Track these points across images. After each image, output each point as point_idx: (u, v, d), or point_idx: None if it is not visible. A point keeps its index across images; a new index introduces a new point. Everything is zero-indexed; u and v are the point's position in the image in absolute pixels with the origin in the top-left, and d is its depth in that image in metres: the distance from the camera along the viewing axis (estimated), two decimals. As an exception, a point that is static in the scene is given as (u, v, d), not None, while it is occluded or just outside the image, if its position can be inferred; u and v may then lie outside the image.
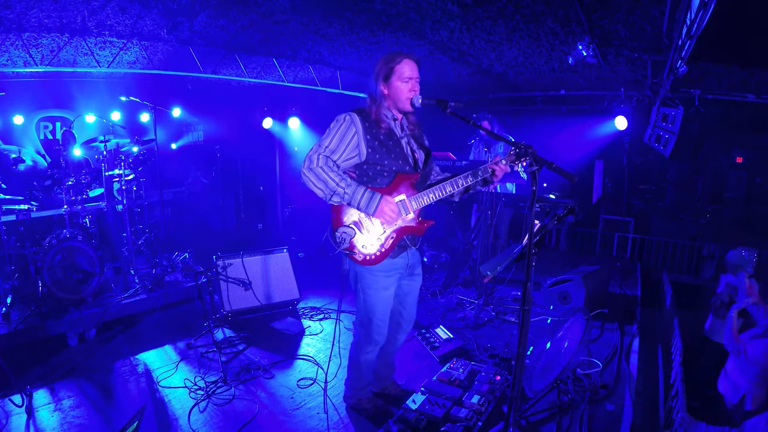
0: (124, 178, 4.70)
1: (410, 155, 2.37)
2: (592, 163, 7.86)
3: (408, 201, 2.26)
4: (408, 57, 2.27)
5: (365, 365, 2.65)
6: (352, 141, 2.22)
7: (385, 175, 2.28)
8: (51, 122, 6.40)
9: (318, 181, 2.15)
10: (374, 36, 4.44)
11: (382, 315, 2.47)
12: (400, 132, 2.36)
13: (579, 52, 3.89)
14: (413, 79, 2.27)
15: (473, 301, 4.54)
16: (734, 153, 7.96)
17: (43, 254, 3.83)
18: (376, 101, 2.29)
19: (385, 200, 2.17)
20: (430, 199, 2.29)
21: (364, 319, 2.50)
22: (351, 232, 2.26)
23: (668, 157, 4.74)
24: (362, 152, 2.24)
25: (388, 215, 2.18)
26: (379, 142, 2.26)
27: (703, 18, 2.12)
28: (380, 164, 2.26)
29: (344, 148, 2.22)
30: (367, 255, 2.29)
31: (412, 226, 2.34)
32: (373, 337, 2.52)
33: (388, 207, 2.17)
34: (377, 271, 2.35)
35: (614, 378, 3.15)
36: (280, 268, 4.44)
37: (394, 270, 2.40)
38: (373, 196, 2.17)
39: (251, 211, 7.80)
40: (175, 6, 3.70)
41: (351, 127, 2.22)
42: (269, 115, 7.19)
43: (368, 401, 2.76)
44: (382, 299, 2.42)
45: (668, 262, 6.70)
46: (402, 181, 2.28)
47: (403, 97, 2.27)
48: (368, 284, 2.39)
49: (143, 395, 3.02)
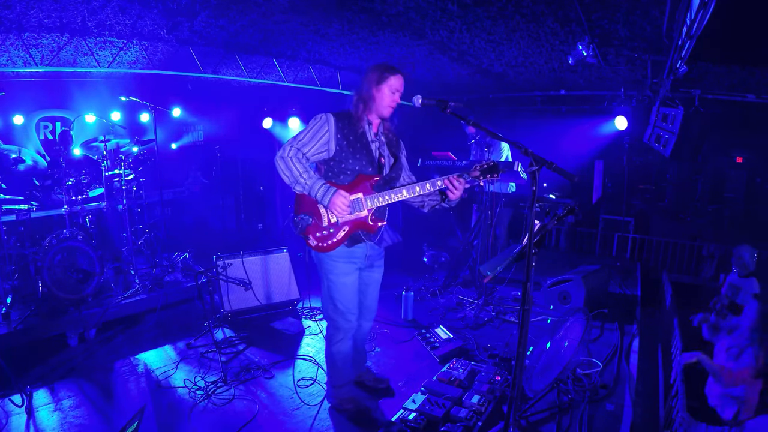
0: (124, 178, 4.70)
1: (377, 159, 2.53)
2: (592, 163, 7.87)
3: (364, 199, 2.44)
4: (401, 73, 2.46)
5: (340, 358, 2.69)
6: (322, 138, 2.41)
7: (348, 174, 2.46)
8: (51, 122, 6.40)
9: (286, 168, 2.37)
10: (374, 36, 4.44)
11: (345, 300, 2.58)
12: (372, 136, 2.53)
13: (579, 52, 3.89)
14: (399, 92, 2.46)
15: (473, 301, 4.54)
16: (734, 153, 7.95)
17: (43, 254, 3.83)
18: (364, 101, 2.45)
19: (338, 194, 2.34)
20: (386, 200, 2.46)
21: (329, 306, 2.63)
22: (307, 219, 2.48)
23: (668, 157, 4.75)
24: (331, 149, 2.43)
25: (339, 208, 2.34)
26: (348, 142, 2.44)
27: (703, 18, 2.12)
28: (344, 163, 2.45)
29: (314, 144, 2.41)
30: (319, 242, 2.47)
31: (366, 222, 2.48)
32: (339, 324, 2.62)
33: (340, 200, 2.33)
34: (336, 257, 2.51)
35: (614, 378, 3.15)
36: (280, 268, 4.44)
37: (351, 258, 2.54)
38: (328, 190, 2.34)
39: (251, 211, 7.80)
40: (175, 6, 3.70)
41: (324, 126, 2.42)
42: (269, 115, 7.19)
43: (349, 401, 2.78)
44: (343, 284, 2.56)
45: (668, 262, 6.70)
46: (362, 181, 2.45)
47: (385, 104, 2.44)
48: (329, 269, 2.55)
49: (143, 395, 3.02)
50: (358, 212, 2.45)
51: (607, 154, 7.57)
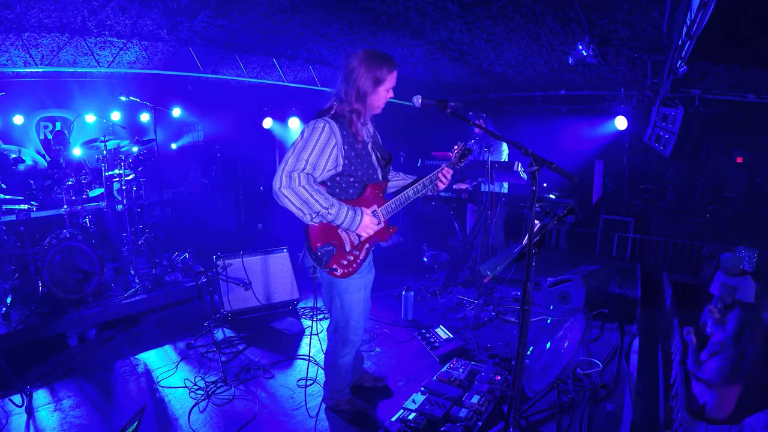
0: (124, 178, 4.70)
1: (377, 163, 2.37)
2: (592, 163, 7.87)
3: (379, 211, 2.31)
4: (396, 68, 2.23)
5: (344, 368, 2.67)
6: (332, 154, 2.12)
7: (356, 186, 2.26)
8: (51, 122, 6.41)
9: (299, 201, 2.03)
10: (374, 36, 4.44)
11: (359, 316, 2.50)
12: (367, 137, 2.34)
13: (579, 52, 3.89)
14: (391, 89, 2.27)
15: (473, 301, 4.54)
16: (734, 153, 7.94)
17: (43, 254, 3.83)
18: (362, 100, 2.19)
19: (366, 215, 2.20)
20: (397, 207, 2.37)
21: (341, 323, 2.51)
22: (331, 249, 2.23)
23: (668, 157, 4.75)
24: (340, 164, 2.18)
25: (370, 228, 2.22)
26: (356, 152, 2.22)
27: (703, 18, 2.12)
28: (354, 176, 2.23)
29: (324, 162, 2.11)
30: (346, 269, 2.31)
31: (383, 232, 2.40)
32: (350, 339, 2.55)
33: (370, 221, 2.21)
34: (353, 275, 2.37)
35: (614, 378, 3.15)
36: (280, 268, 4.44)
37: (364, 270, 2.45)
38: (356, 214, 2.16)
39: (251, 211, 7.80)
40: (175, 6, 3.70)
41: (331, 138, 2.11)
42: (269, 115, 7.19)
43: (347, 402, 2.78)
44: (359, 300, 2.46)
45: (668, 262, 6.70)
46: (372, 191, 2.30)
47: (380, 104, 2.27)
48: (345, 289, 2.40)
49: (143, 395, 3.02)
50: (378, 226, 2.33)
51: (607, 154, 7.57)
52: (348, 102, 2.20)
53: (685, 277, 6.46)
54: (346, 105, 2.20)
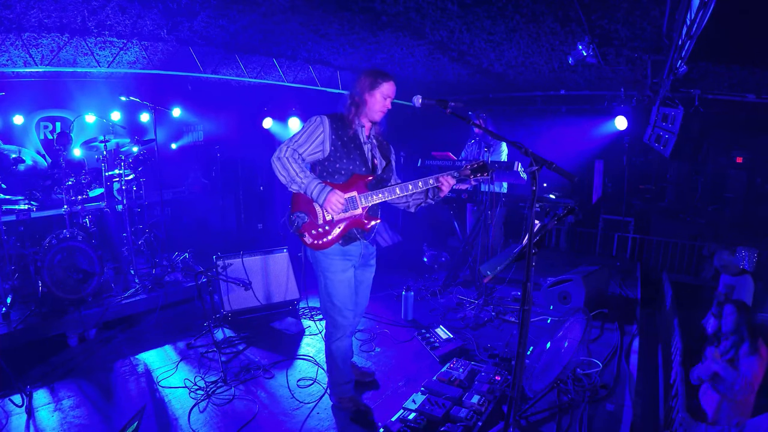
0: (124, 178, 4.70)
1: (370, 160, 2.62)
2: (592, 163, 7.86)
3: (358, 197, 2.51)
4: (393, 81, 2.55)
5: (339, 355, 2.74)
6: (317, 139, 2.50)
7: (342, 174, 2.54)
8: (51, 122, 6.41)
9: (282, 168, 2.44)
10: (374, 36, 4.44)
11: (342, 297, 2.63)
12: (365, 139, 2.61)
13: (579, 52, 3.89)
14: (390, 98, 2.54)
15: (473, 301, 4.54)
16: (734, 153, 7.93)
17: (43, 254, 3.83)
18: (357, 105, 2.54)
19: (334, 192, 2.40)
20: (380, 198, 2.53)
21: (327, 304, 2.68)
22: (303, 217, 2.55)
23: (668, 157, 4.75)
24: (326, 149, 2.51)
25: (334, 205, 2.40)
26: (342, 143, 2.52)
27: (703, 18, 2.12)
28: (339, 163, 2.53)
29: (310, 145, 2.50)
30: (315, 239, 2.53)
31: (361, 220, 2.55)
32: (337, 321, 2.67)
33: (335, 198, 2.39)
34: (332, 255, 2.57)
35: (614, 378, 3.15)
36: (280, 268, 4.44)
37: (347, 255, 2.60)
38: (324, 188, 2.40)
39: (251, 211, 7.80)
40: (175, 6, 3.70)
41: (319, 127, 2.50)
42: (269, 115, 7.19)
43: (349, 400, 2.82)
44: (340, 281, 2.61)
45: (668, 262, 6.70)
46: (357, 180, 2.53)
47: (377, 109, 2.53)
48: (326, 267, 2.60)
49: (143, 395, 3.02)
50: (353, 210, 2.51)
51: (607, 154, 7.56)
52: (346, 106, 2.57)
53: (685, 277, 6.46)
54: (345, 108, 2.58)
